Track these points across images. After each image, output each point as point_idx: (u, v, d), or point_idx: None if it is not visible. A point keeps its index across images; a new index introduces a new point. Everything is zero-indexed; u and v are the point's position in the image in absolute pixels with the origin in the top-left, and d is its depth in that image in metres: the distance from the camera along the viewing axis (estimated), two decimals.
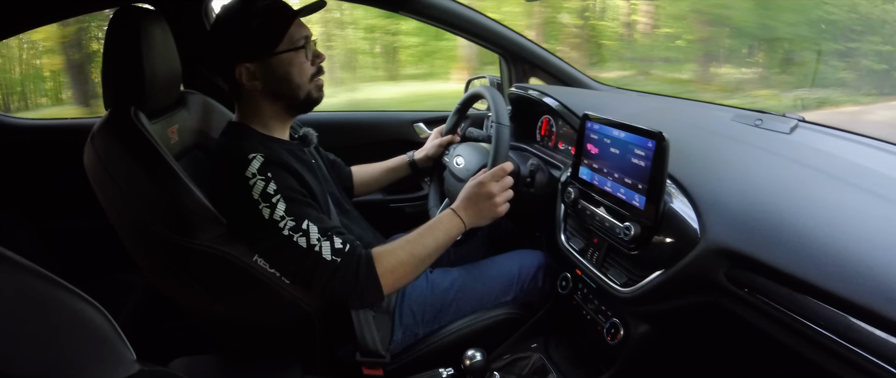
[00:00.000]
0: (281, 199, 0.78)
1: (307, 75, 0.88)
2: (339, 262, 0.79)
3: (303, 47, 0.86)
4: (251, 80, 0.85)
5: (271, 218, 0.77)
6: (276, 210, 0.77)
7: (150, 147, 0.80)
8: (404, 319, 0.96)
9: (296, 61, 0.86)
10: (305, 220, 0.79)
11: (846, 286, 0.53)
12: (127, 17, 0.83)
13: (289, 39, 0.85)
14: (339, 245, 0.80)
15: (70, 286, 0.42)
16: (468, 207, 0.91)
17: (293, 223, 0.78)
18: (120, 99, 0.84)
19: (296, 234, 0.78)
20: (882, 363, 0.49)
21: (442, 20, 1.36)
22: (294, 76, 0.86)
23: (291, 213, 0.78)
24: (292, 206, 0.79)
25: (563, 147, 1.16)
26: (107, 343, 0.43)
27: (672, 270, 0.71)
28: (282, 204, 0.78)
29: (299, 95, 0.88)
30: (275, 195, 0.78)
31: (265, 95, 0.87)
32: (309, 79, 0.88)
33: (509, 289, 1.02)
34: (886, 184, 0.68)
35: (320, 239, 0.79)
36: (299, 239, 0.78)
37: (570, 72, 1.47)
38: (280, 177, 0.79)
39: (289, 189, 0.80)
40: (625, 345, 0.88)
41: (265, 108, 0.88)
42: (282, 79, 0.86)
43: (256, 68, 0.84)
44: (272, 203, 0.77)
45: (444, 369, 0.87)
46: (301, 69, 0.87)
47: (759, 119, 0.95)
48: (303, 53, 0.87)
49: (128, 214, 0.80)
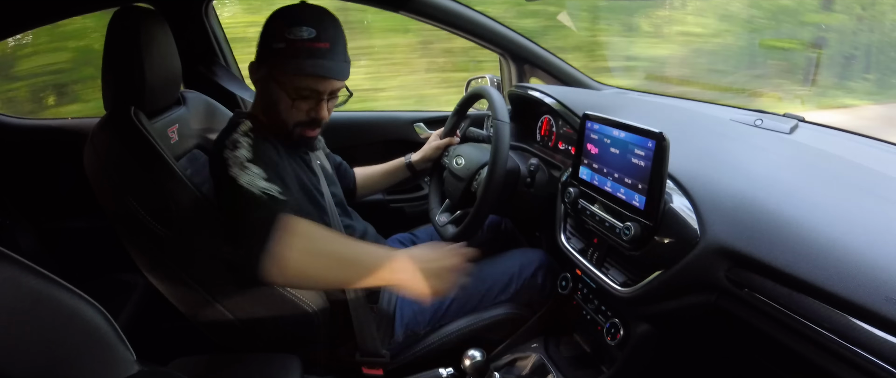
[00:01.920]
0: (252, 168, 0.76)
1: (292, 120, 0.85)
2: (263, 203, 0.72)
3: (304, 98, 0.83)
4: (255, 80, 0.87)
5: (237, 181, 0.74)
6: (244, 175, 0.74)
7: (149, 147, 0.80)
8: (405, 319, 0.97)
9: (285, 102, 0.84)
10: (259, 168, 0.75)
11: (846, 286, 0.53)
12: (127, 17, 0.83)
13: (294, 83, 0.81)
14: (274, 193, 0.73)
15: (70, 286, 0.42)
16: (421, 267, 0.76)
17: (253, 177, 0.75)
18: (120, 99, 0.84)
19: (241, 172, 0.74)
20: (882, 363, 0.49)
21: (442, 20, 1.36)
22: (280, 111, 0.85)
23: (253, 161, 0.76)
24: (266, 169, 0.76)
25: (563, 147, 1.16)
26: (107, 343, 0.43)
27: (672, 270, 0.71)
28: (257, 168, 0.75)
29: (283, 129, 0.87)
30: (249, 164, 0.76)
31: (262, 102, 0.88)
32: (293, 124, 0.86)
33: (509, 288, 1.03)
34: (886, 184, 0.68)
35: (262, 180, 0.74)
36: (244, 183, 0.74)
37: (570, 72, 1.47)
38: (260, 147, 0.79)
39: (265, 159, 0.78)
40: (625, 345, 0.88)
41: (263, 114, 0.89)
42: (270, 103, 0.85)
43: (262, 78, 0.85)
44: (244, 167, 0.75)
45: (444, 369, 0.88)
46: (288, 111, 0.84)
47: (759, 119, 0.95)
48: (301, 102, 0.83)
49: (127, 214, 0.80)
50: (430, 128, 1.58)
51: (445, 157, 1.17)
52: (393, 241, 1.22)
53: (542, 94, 1.18)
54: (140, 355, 0.45)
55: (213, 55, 1.37)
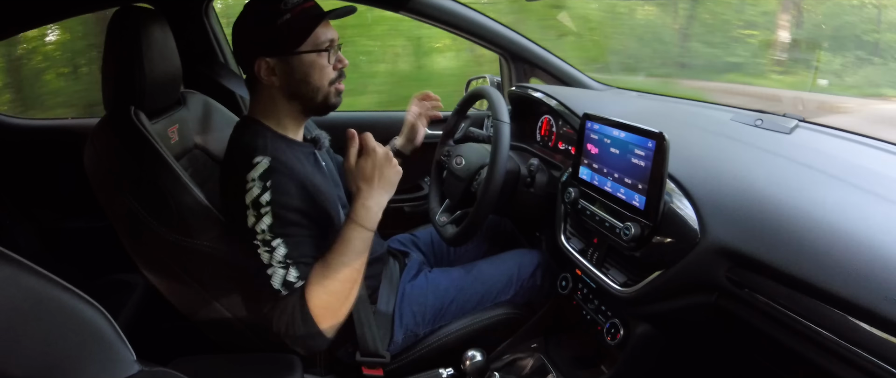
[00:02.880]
0: (269, 213, 0.74)
1: (327, 79, 0.85)
2: (284, 296, 0.75)
3: (327, 50, 0.84)
4: (269, 75, 0.82)
5: (252, 228, 0.74)
6: (260, 222, 0.74)
7: (149, 147, 0.80)
8: (404, 319, 0.96)
9: (318, 63, 0.83)
10: (279, 239, 0.75)
11: (846, 286, 0.53)
12: (127, 17, 0.83)
13: (313, 40, 0.82)
14: (292, 278, 0.75)
15: (70, 286, 0.42)
16: (368, 190, 0.80)
17: (268, 237, 0.74)
18: (120, 99, 0.84)
19: (262, 247, 0.74)
20: (882, 363, 0.49)
21: (442, 20, 1.36)
22: (314, 78, 0.84)
23: (272, 231, 0.75)
24: (277, 222, 0.75)
25: (563, 147, 1.16)
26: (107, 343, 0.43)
27: (672, 270, 0.71)
28: (268, 218, 0.74)
29: (317, 98, 0.85)
30: (265, 206, 0.74)
31: (282, 93, 0.84)
32: (328, 83, 0.85)
33: (509, 289, 1.02)
34: (886, 184, 0.68)
35: (278, 263, 0.75)
36: (263, 253, 0.74)
37: (570, 72, 1.46)
38: (279, 185, 0.76)
39: (281, 203, 0.76)
40: (625, 345, 0.88)
41: (281, 105, 0.86)
42: (301, 79, 0.83)
43: (277, 64, 0.82)
44: (259, 213, 0.74)
45: (444, 369, 0.88)
46: (322, 72, 0.84)
47: (759, 119, 0.94)
48: (325, 56, 0.84)
49: (127, 214, 0.80)
50: (430, 128, 1.57)
51: (445, 157, 1.17)
52: (393, 241, 1.22)
53: (542, 94, 1.18)
54: (140, 355, 0.45)
55: (213, 55, 1.37)
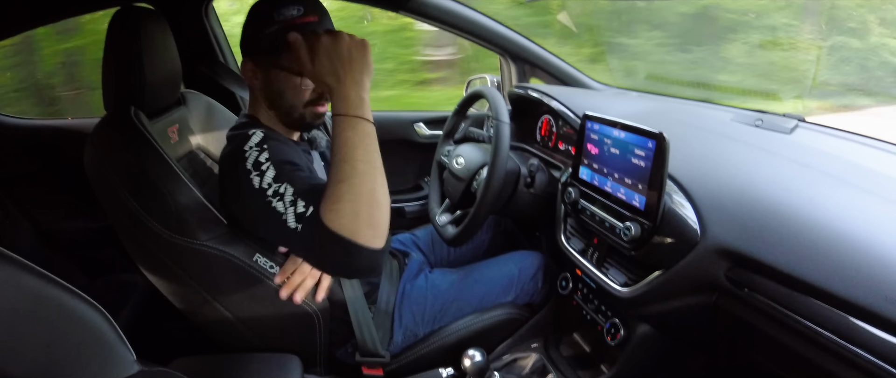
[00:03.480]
0: (270, 166, 0.73)
1: (302, 100, 0.84)
2: (301, 231, 0.70)
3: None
4: (252, 78, 0.83)
5: (260, 186, 0.72)
6: (264, 177, 0.73)
7: (149, 147, 0.80)
8: (404, 320, 0.96)
9: (291, 84, 0.82)
10: (284, 183, 0.72)
11: (846, 286, 0.53)
12: (127, 17, 0.83)
13: (292, 59, 0.79)
14: (301, 209, 0.70)
15: (70, 286, 0.42)
16: (342, 78, 0.70)
17: (276, 186, 0.72)
18: (120, 99, 0.84)
19: (274, 200, 0.72)
20: (882, 363, 0.49)
21: (442, 20, 1.36)
22: (287, 95, 0.83)
23: (278, 179, 0.73)
24: (280, 168, 0.74)
25: (563, 147, 1.16)
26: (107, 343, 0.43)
27: (672, 271, 0.71)
28: (271, 170, 0.73)
29: (292, 115, 0.85)
30: (266, 162, 0.73)
31: (263, 98, 0.85)
32: (303, 103, 0.84)
33: (509, 289, 1.02)
34: (886, 184, 0.68)
35: (289, 204, 0.71)
36: (277, 204, 0.71)
37: (570, 72, 1.47)
38: (274, 147, 0.76)
39: (280, 152, 0.75)
40: (625, 345, 0.88)
41: (264, 109, 0.87)
42: (277, 92, 0.83)
43: (259, 70, 0.83)
44: (262, 170, 0.73)
45: (444, 369, 0.88)
46: (296, 92, 0.83)
47: (759, 119, 0.94)
48: (303, 80, 0.82)
49: (127, 214, 0.80)
50: (429, 128, 1.58)
51: (445, 157, 1.17)
52: (393, 241, 1.22)
53: (542, 94, 1.18)
54: (140, 355, 0.45)
55: (213, 55, 1.37)
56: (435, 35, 2.95)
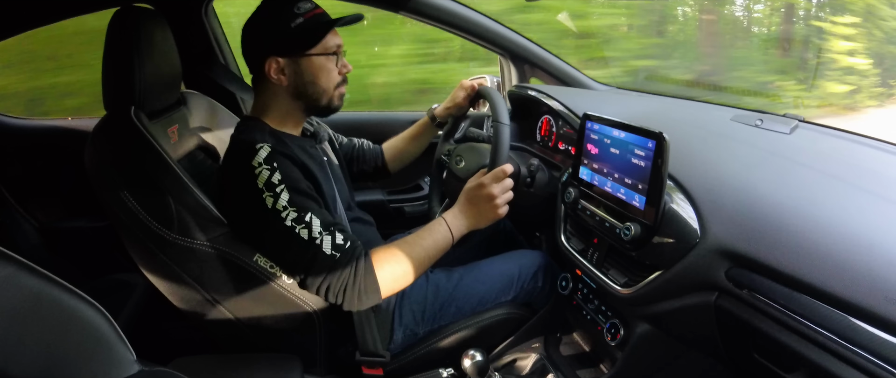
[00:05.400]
0: (285, 189, 0.78)
1: (333, 82, 0.90)
2: (339, 258, 0.78)
3: (334, 54, 0.89)
4: (279, 75, 0.86)
5: (274, 207, 0.77)
6: (279, 199, 0.77)
7: (149, 147, 0.80)
8: (404, 319, 0.97)
9: (326, 67, 0.88)
10: (308, 212, 0.78)
11: (846, 286, 0.53)
12: (127, 17, 0.83)
13: (323, 45, 0.87)
14: (339, 241, 0.79)
15: (70, 286, 0.42)
16: (469, 209, 0.91)
17: (296, 214, 0.77)
18: (120, 99, 0.84)
19: (298, 226, 0.77)
20: (882, 363, 0.49)
21: (442, 20, 1.35)
22: (321, 80, 0.88)
23: (294, 204, 0.78)
24: (296, 196, 0.78)
25: (563, 147, 1.16)
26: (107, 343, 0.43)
27: (672, 271, 0.71)
28: (285, 194, 0.77)
29: (321, 100, 0.90)
30: (279, 184, 0.77)
31: (288, 92, 0.89)
32: (334, 86, 0.90)
33: (509, 289, 1.02)
34: (886, 184, 0.68)
35: (321, 232, 0.78)
36: (301, 230, 0.77)
37: (570, 72, 1.46)
38: (285, 167, 0.79)
39: (293, 180, 0.79)
40: (625, 345, 0.88)
41: (284, 104, 0.90)
42: (309, 81, 0.88)
43: (287, 65, 0.86)
44: (276, 192, 0.77)
45: (444, 369, 0.87)
46: (329, 75, 0.89)
47: (759, 119, 0.94)
48: (334, 60, 0.89)
49: (128, 214, 0.80)
50: None
51: (445, 157, 1.17)
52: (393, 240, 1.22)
53: (542, 94, 1.18)
54: (140, 355, 0.45)
55: (213, 55, 1.37)
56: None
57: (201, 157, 1.02)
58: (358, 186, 1.25)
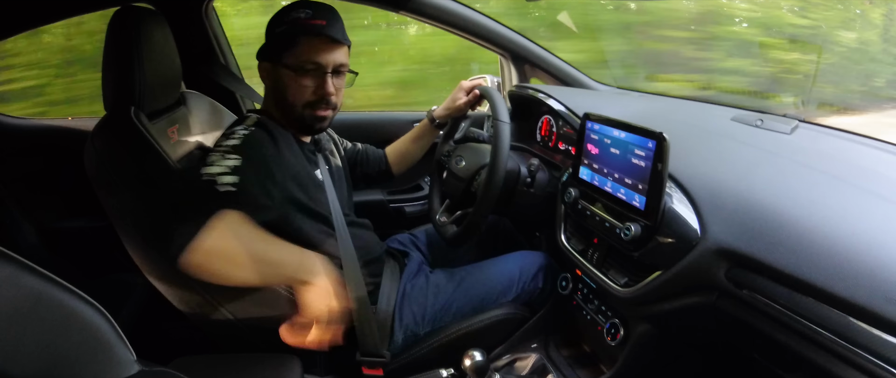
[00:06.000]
0: (239, 140, 0.80)
1: (301, 101, 0.89)
2: (209, 192, 0.72)
3: (308, 72, 0.87)
4: (266, 78, 0.90)
5: (218, 144, 0.80)
6: (228, 140, 0.80)
7: (149, 147, 0.80)
8: (404, 319, 0.96)
9: (293, 82, 0.87)
10: (236, 155, 0.77)
11: (846, 286, 0.53)
12: (127, 17, 0.83)
13: (297, 59, 0.86)
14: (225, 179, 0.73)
15: (70, 286, 0.42)
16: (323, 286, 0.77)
17: (226, 172, 0.74)
18: (120, 99, 0.84)
19: (215, 156, 0.78)
20: (882, 363, 0.49)
21: (442, 20, 1.35)
22: (288, 94, 0.89)
23: (234, 147, 0.78)
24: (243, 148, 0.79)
25: (563, 147, 1.16)
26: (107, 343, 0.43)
27: (672, 271, 0.71)
28: (234, 140, 0.80)
29: (292, 114, 0.90)
30: (238, 139, 0.80)
31: (272, 98, 0.92)
32: (303, 105, 0.89)
33: (510, 289, 1.02)
34: (886, 184, 0.68)
35: (226, 167, 0.75)
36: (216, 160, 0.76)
37: (571, 72, 1.46)
38: (256, 134, 0.82)
39: (252, 141, 0.81)
40: (625, 345, 0.88)
41: (274, 108, 0.93)
42: (280, 91, 0.89)
43: (269, 70, 0.89)
44: (230, 136, 0.81)
45: (444, 369, 0.87)
46: (297, 92, 0.88)
47: (759, 119, 0.94)
48: (306, 78, 0.87)
49: (127, 214, 0.80)
50: None
51: (445, 157, 1.17)
52: (392, 241, 1.22)
53: (542, 94, 1.18)
54: (140, 355, 0.45)
55: (213, 55, 1.37)
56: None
57: (201, 157, 1.01)
58: (359, 187, 1.25)
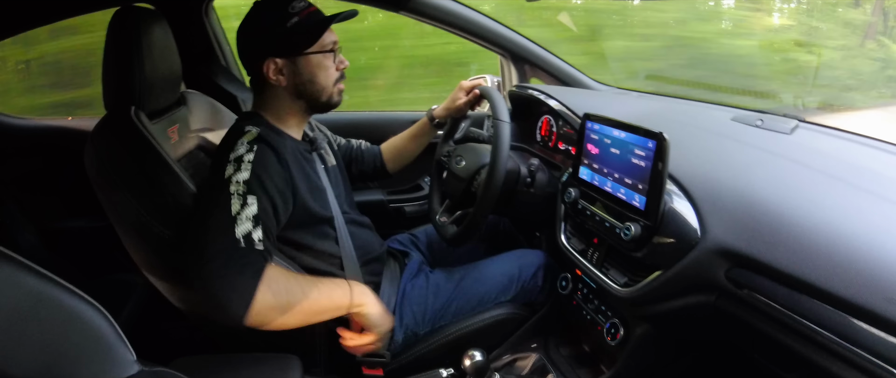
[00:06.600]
0: (249, 170, 0.77)
1: (332, 79, 0.91)
2: (242, 248, 0.72)
3: (331, 51, 0.89)
4: (277, 75, 0.87)
5: (228, 178, 0.76)
6: (238, 173, 0.77)
7: (149, 147, 0.80)
8: (404, 319, 0.96)
9: (324, 64, 0.89)
10: (253, 198, 0.75)
11: (846, 286, 0.53)
12: (127, 17, 0.83)
13: (320, 43, 0.87)
14: (256, 237, 0.74)
15: (70, 286, 0.42)
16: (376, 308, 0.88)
17: (243, 190, 0.75)
18: (120, 99, 0.84)
19: (234, 201, 0.75)
20: (882, 364, 0.49)
21: (442, 20, 1.35)
22: (320, 78, 0.89)
23: (248, 185, 0.76)
24: (254, 179, 0.77)
25: (563, 147, 1.16)
26: (107, 343, 0.43)
27: (672, 271, 0.71)
28: (246, 173, 0.77)
29: (321, 97, 0.91)
30: (247, 163, 0.78)
31: (288, 92, 0.89)
32: (333, 83, 0.91)
33: (509, 289, 1.02)
34: (886, 184, 0.68)
35: (248, 218, 0.74)
36: (234, 204, 0.74)
37: (571, 72, 1.46)
38: (262, 155, 0.79)
39: (262, 167, 0.78)
40: (625, 345, 0.88)
41: (285, 104, 0.91)
42: (307, 79, 0.88)
43: (285, 65, 0.87)
44: (239, 167, 0.77)
45: (445, 369, 0.88)
46: (327, 73, 0.90)
47: (759, 119, 0.94)
48: (331, 57, 0.90)
49: (127, 214, 0.80)
50: None
51: (445, 157, 1.17)
52: (392, 240, 1.22)
53: (542, 94, 1.18)
54: (140, 355, 0.45)
55: (213, 55, 1.37)
56: None
57: (201, 157, 1.02)
58: (357, 186, 1.25)
